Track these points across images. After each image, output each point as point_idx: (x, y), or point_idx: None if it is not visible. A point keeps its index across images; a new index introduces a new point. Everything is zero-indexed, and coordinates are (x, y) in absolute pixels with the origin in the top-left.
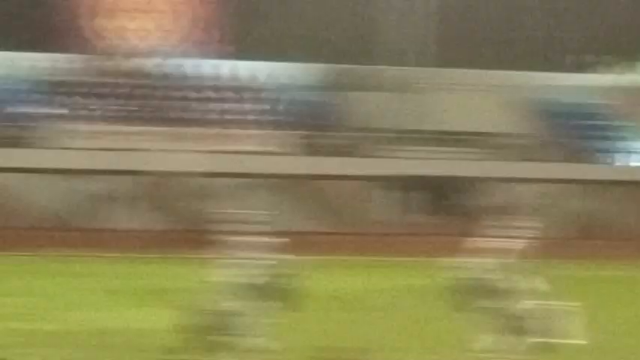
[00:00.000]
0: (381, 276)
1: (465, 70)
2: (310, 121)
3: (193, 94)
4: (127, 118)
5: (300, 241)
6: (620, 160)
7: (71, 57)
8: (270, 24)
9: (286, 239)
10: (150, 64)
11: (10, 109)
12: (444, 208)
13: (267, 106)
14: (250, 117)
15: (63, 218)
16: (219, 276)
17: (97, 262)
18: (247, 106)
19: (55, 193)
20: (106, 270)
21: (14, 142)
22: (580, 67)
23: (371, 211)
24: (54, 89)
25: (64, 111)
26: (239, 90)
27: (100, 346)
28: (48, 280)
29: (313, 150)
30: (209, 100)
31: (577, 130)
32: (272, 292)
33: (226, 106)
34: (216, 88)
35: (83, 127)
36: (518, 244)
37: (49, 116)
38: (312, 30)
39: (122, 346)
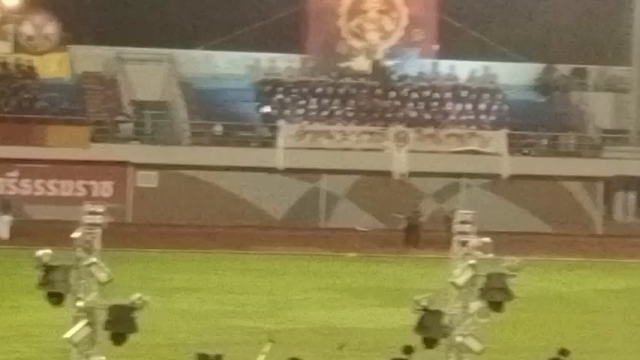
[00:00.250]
0: (598, 277)
1: None
2: (528, 122)
3: (414, 94)
4: (347, 118)
5: (517, 241)
6: None
7: (292, 56)
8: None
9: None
10: (370, 63)
11: (233, 109)
12: None
13: (485, 106)
14: (467, 117)
15: (285, 217)
16: (441, 276)
17: (319, 260)
18: (467, 106)
19: (277, 192)
20: (325, 268)
21: (237, 142)
22: None
23: (591, 213)
24: (276, 89)
25: (288, 111)
26: (457, 89)
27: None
28: (277, 279)
29: (532, 150)
30: (429, 99)
31: None
32: (490, 292)
33: (446, 105)
34: (434, 88)
35: (305, 126)
36: None
37: (271, 116)
38: (532, 29)
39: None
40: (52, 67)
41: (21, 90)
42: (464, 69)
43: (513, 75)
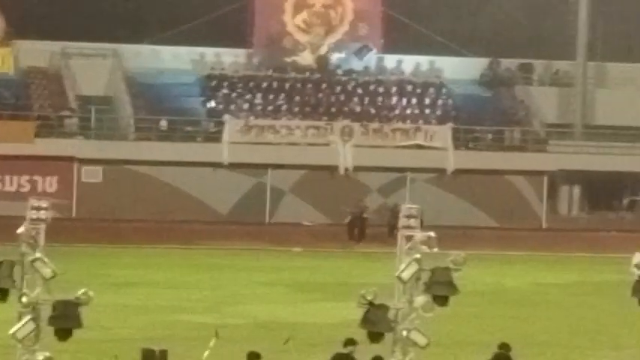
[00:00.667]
0: (542, 271)
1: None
2: (473, 116)
3: (359, 89)
4: (293, 113)
5: (462, 236)
6: None
7: (238, 51)
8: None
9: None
10: (315, 58)
11: (178, 104)
12: (614, 203)
13: (430, 101)
14: (413, 111)
15: (231, 212)
16: (386, 270)
17: (264, 255)
18: (412, 100)
19: (222, 187)
20: (270, 263)
21: (182, 137)
22: None
23: (535, 207)
24: (222, 84)
25: (233, 105)
26: (403, 84)
27: (273, 340)
28: (223, 274)
29: (478, 145)
30: (374, 94)
31: None
32: (435, 286)
33: (391, 100)
34: (379, 82)
35: (250, 121)
36: None
37: (216, 111)
38: (477, 24)
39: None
40: None
41: None
42: (409, 63)
43: (459, 69)
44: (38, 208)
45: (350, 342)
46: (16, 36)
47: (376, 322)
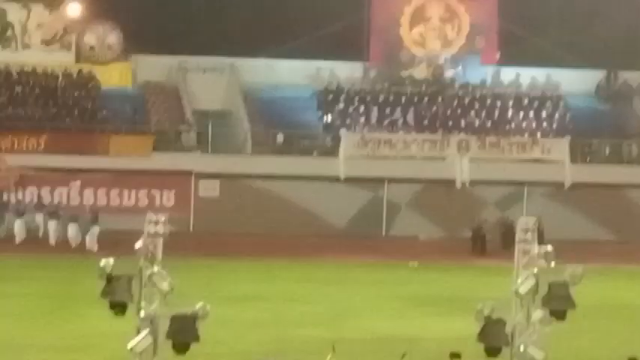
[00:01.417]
0: None
1: None
2: (590, 129)
3: (475, 102)
4: (409, 126)
5: (580, 249)
6: None
7: (354, 65)
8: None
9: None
10: (432, 71)
11: (295, 118)
12: None
13: (547, 114)
14: (530, 124)
15: (347, 226)
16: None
17: (381, 270)
18: (529, 114)
19: (338, 201)
20: (387, 277)
21: (299, 151)
22: None
23: None
24: (338, 98)
25: (349, 119)
26: (520, 97)
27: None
28: (339, 288)
29: (595, 158)
30: (491, 107)
31: None
32: (553, 300)
33: (508, 113)
34: (496, 96)
35: (366, 135)
36: None
37: (333, 125)
38: (595, 36)
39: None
40: (114, 77)
41: (83, 100)
42: (526, 76)
43: (576, 82)
44: (156, 222)
45: (455, 356)
46: (134, 51)
47: (493, 336)
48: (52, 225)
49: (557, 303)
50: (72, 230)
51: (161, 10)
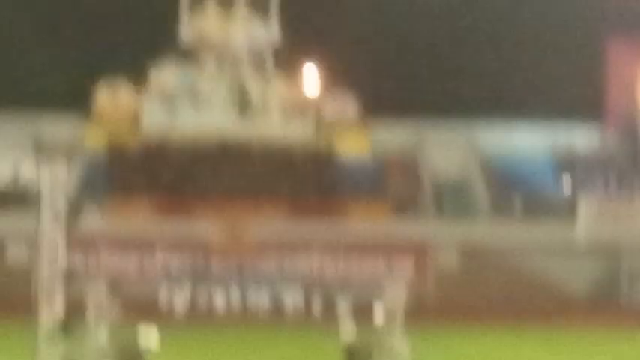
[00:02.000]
0: None
1: None
2: None
3: None
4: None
5: None
6: None
7: (592, 131)
8: None
9: None
10: None
11: (532, 185)
12: None
13: None
14: None
15: (587, 295)
16: None
17: (624, 341)
18: None
19: (577, 270)
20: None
21: (537, 218)
22: None
23: None
24: (576, 164)
25: (588, 186)
26: None
27: None
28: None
29: None
30: None
31: None
32: None
33: None
34: None
35: (605, 202)
36: None
37: (571, 191)
38: None
39: None
40: (352, 145)
41: (322, 169)
42: None
43: None
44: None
45: None
46: (372, 119)
47: None
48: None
49: None
50: (312, 300)
51: (398, 77)
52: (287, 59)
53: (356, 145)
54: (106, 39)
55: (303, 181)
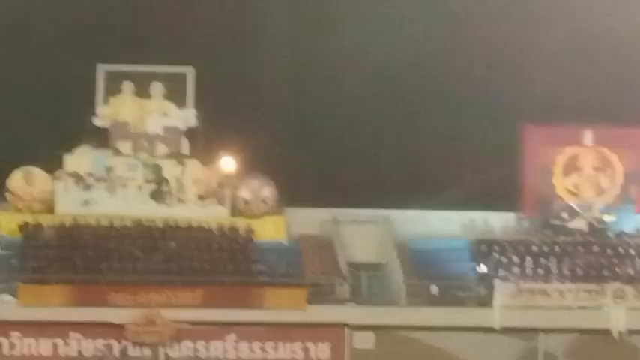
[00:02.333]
0: None
1: None
2: None
3: (630, 250)
4: (563, 276)
5: None
6: None
7: (507, 215)
8: None
9: None
10: (586, 221)
11: (449, 269)
12: None
13: None
14: None
15: None
16: None
17: None
18: None
19: (494, 352)
20: None
21: (453, 302)
22: None
23: None
24: (492, 248)
25: (503, 269)
26: None
27: None
28: None
29: None
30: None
31: None
32: None
33: None
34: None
35: (521, 285)
36: None
37: (487, 275)
38: None
39: None
40: (268, 230)
41: (238, 254)
42: None
43: None
44: None
45: None
46: (288, 204)
47: None
48: None
49: None
50: None
51: (314, 163)
52: (204, 144)
53: (273, 229)
54: (22, 125)
55: (219, 265)
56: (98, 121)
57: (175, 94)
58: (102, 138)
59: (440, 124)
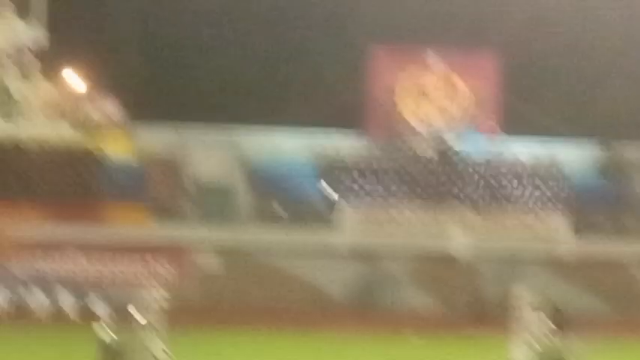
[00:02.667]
0: None
1: None
2: (591, 203)
3: (476, 176)
4: (408, 200)
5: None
6: None
7: (355, 136)
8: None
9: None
10: (432, 144)
11: (293, 188)
12: None
13: (546, 187)
14: (532, 199)
15: (346, 298)
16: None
17: (380, 343)
18: (529, 188)
19: (337, 273)
20: (386, 350)
21: (298, 223)
22: None
23: None
24: (337, 169)
25: (349, 191)
26: (519, 169)
27: None
28: None
29: (595, 232)
30: (490, 181)
31: None
32: None
33: (508, 187)
34: (496, 170)
35: (366, 207)
36: None
37: (332, 196)
38: (595, 109)
39: None
40: (114, 147)
41: (83, 171)
42: (526, 150)
43: (576, 157)
44: (157, 296)
45: None
46: (135, 122)
47: None
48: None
49: None
50: (67, 301)
51: (161, 80)
52: (52, 62)
53: (119, 147)
54: None
55: (64, 182)
56: None
57: (22, 9)
58: None
59: (287, 41)
